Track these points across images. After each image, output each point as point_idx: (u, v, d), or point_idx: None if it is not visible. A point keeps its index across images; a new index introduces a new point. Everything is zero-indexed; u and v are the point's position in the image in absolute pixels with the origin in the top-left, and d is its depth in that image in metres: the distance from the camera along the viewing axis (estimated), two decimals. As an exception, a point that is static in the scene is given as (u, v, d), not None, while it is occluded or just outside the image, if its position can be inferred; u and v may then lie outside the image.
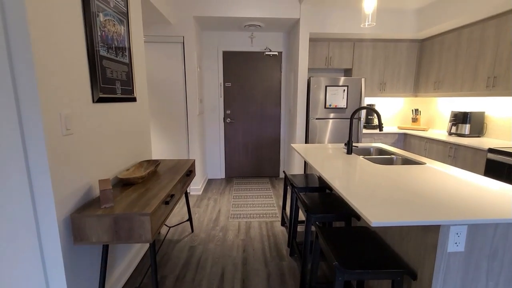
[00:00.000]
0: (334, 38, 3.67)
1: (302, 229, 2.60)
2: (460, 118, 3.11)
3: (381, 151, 2.39)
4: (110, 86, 1.68)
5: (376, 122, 3.98)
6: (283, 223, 2.71)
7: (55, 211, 1.21)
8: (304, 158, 2.05)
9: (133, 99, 2.01)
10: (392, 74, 3.82)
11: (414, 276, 1.17)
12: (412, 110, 4.04)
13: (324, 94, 3.45)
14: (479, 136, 3.07)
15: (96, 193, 1.55)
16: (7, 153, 1.14)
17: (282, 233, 2.55)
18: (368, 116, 4.01)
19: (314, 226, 1.55)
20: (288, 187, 3.72)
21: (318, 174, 2.42)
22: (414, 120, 4.01)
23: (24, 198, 1.18)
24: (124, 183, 1.71)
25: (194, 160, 2.38)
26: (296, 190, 2.01)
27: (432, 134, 3.37)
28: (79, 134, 1.38)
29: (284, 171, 2.59)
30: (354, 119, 3.50)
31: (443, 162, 2.98)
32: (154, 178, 1.83)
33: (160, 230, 2.59)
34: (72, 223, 1.27)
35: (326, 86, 3.43)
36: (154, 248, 1.43)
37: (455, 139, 2.91)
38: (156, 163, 1.96)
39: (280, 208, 3.15)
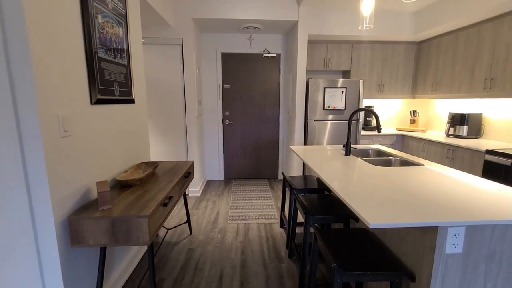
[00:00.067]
0: (333, 40, 3.69)
1: (300, 231, 2.60)
2: (458, 120, 3.13)
3: (379, 153, 2.40)
4: (108, 88, 1.68)
5: (374, 123, 3.99)
6: (282, 225, 2.71)
7: (53, 214, 1.21)
8: (303, 159, 2.05)
9: (131, 101, 2.01)
10: (390, 75, 3.84)
11: (412, 277, 1.17)
12: (410, 112, 4.05)
13: (323, 96, 3.46)
14: (476, 138, 3.08)
15: (94, 195, 1.55)
16: (4, 154, 1.13)
17: (280, 235, 2.55)
18: (367, 118, 4.02)
19: (312, 228, 1.55)
20: (287, 189, 3.71)
21: (317, 176, 2.42)
22: (412, 121, 4.02)
23: (21, 200, 1.18)
24: (122, 185, 1.70)
25: (193, 162, 2.38)
26: (294, 191, 2.01)
27: (430, 135, 3.38)
28: (77, 136, 1.38)
29: (282, 173, 2.59)
30: (352, 120, 3.51)
31: (441, 163, 2.99)
32: (152, 180, 1.83)
33: (158, 232, 2.58)
34: (69, 225, 1.27)
35: (324, 88, 3.44)
36: (152, 251, 1.42)
37: (453, 141, 2.92)
38: (155, 165, 1.96)
39: (278, 210, 3.14)
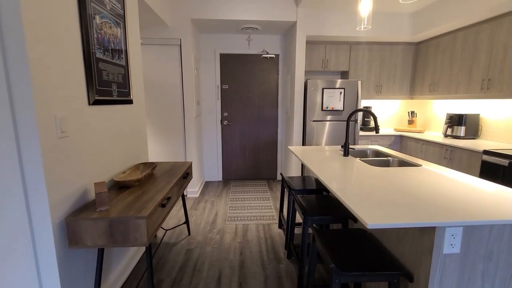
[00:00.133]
0: (331, 40, 3.70)
1: (299, 231, 2.60)
2: (456, 120, 3.14)
3: (377, 153, 2.40)
4: (106, 89, 1.67)
5: (372, 124, 4.00)
6: (280, 225, 2.70)
7: (50, 215, 1.20)
8: (301, 160, 2.05)
9: (129, 102, 2.00)
10: (388, 76, 3.85)
11: (410, 278, 1.18)
12: (408, 112, 4.06)
13: (321, 97, 3.46)
14: (474, 138, 3.10)
15: (92, 196, 1.54)
16: (1, 155, 1.13)
17: (279, 235, 2.55)
18: (365, 119, 4.03)
19: (311, 229, 1.55)
20: (285, 189, 3.72)
21: (315, 177, 2.42)
22: (410, 122, 4.03)
23: (19, 202, 1.17)
24: (120, 186, 1.70)
25: (191, 163, 2.37)
26: (293, 192, 2.01)
27: (428, 136, 3.39)
28: (74, 137, 1.37)
29: (281, 173, 2.59)
30: (350, 121, 3.51)
31: (439, 164, 3.00)
32: (150, 181, 1.83)
33: (157, 233, 2.57)
34: (67, 226, 1.26)
35: (323, 89, 3.45)
36: (150, 252, 1.42)
37: (450, 141, 2.93)
38: (153, 165, 1.95)
39: (277, 210, 3.14)
